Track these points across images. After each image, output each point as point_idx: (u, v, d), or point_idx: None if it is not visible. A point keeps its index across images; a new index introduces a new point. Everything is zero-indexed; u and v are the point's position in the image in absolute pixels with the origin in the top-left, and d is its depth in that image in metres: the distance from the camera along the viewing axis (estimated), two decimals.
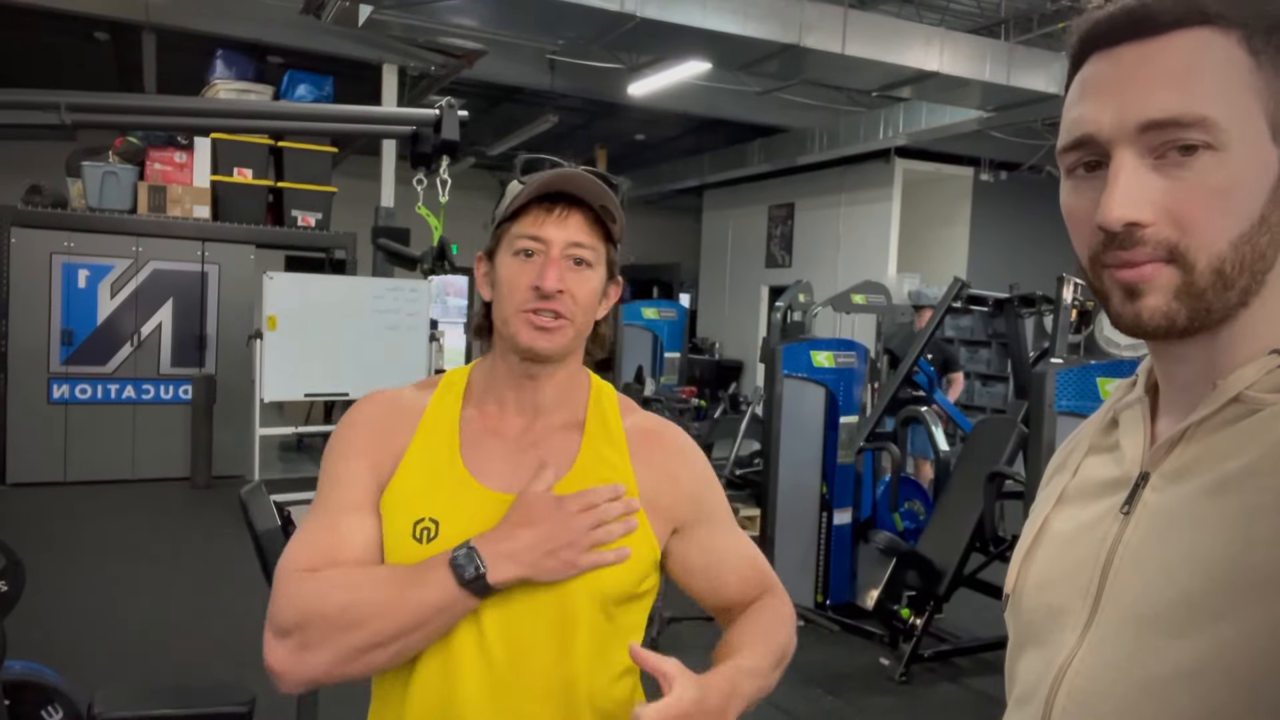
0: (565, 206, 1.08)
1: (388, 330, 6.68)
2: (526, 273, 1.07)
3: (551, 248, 1.07)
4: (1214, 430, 0.63)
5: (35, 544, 4.65)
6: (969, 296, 5.29)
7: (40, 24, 7.60)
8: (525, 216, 1.08)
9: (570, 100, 9.36)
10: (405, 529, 1.06)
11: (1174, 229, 0.60)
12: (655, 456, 1.15)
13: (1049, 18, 6.97)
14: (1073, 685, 0.64)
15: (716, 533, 1.20)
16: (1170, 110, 0.59)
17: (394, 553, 1.06)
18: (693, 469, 1.19)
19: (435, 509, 1.06)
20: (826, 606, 4.59)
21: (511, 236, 1.09)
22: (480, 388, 1.16)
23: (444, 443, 1.11)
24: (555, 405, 1.14)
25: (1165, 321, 0.61)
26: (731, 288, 13.63)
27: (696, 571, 1.18)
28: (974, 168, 10.68)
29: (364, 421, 1.14)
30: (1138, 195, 0.60)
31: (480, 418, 1.14)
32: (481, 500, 1.07)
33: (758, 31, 6.07)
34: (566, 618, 1.05)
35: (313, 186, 7.80)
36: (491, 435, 1.12)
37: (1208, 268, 0.60)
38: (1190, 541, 0.60)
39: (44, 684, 2.45)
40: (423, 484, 1.09)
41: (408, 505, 1.07)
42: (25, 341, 6.96)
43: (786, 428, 4.60)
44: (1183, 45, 0.60)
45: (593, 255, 1.09)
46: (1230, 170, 0.59)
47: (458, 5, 5.99)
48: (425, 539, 1.05)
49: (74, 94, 2.29)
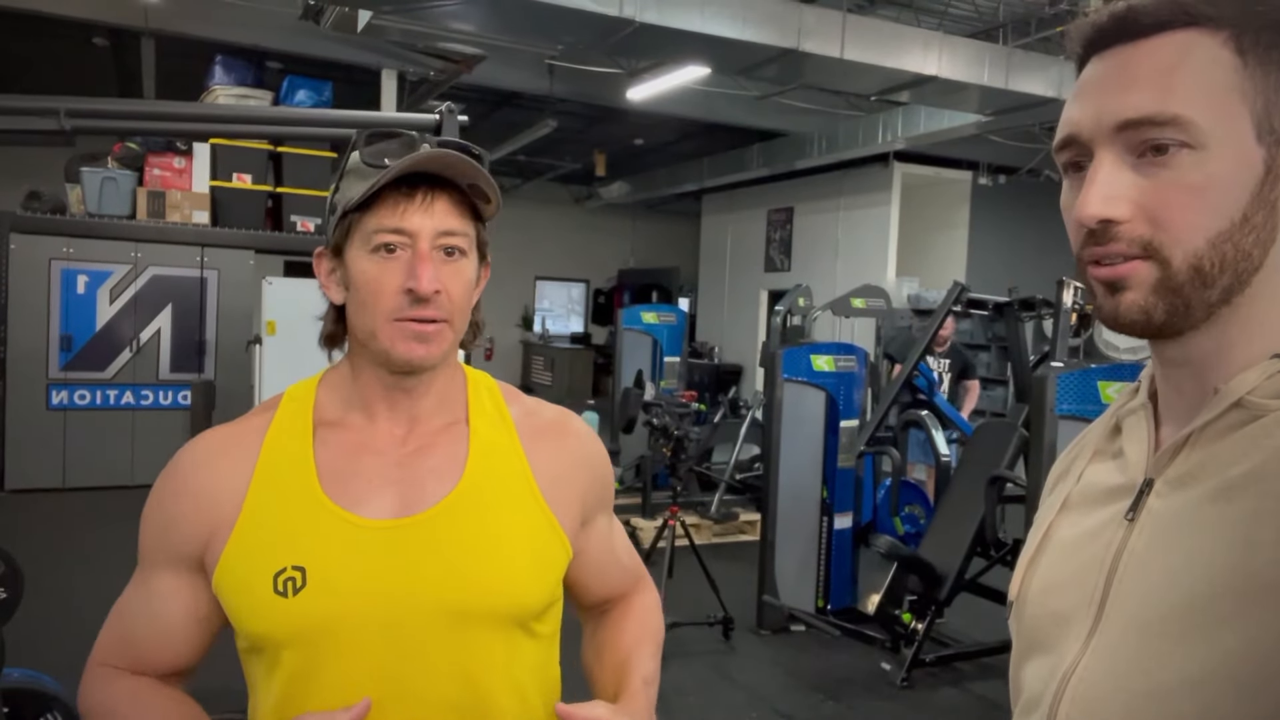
0: (428, 189, 0.92)
1: None
2: (392, 272, 0.91)
3: (419, 240, 0.91)
4: (1217, 436, 0.63)
5: (34, 550, 4.63)
6: (969, 300, 5.28)
7: (40, 30, 7.61)
8: (381, 205, 0.91)
9: (569, 105, 9.38)
10: (264, 585, 0.89)
11: (1149, 226, 0.61)
12: (555, 445, 1.03)
13: (1047, 21, 6.98)
14: (1076, 692, 0.64)
15: (606, 521, 1.11)
16: (1144, 109, 0.60)
17: (256, 615, 0.90)
18: (591, 453, 1.07)
19: (298, 554, 0.90)
20: (827, 611, 4.58)
21: (366, 230, 0.92)
22: (338, 401, 0.99)
23: (296, 473, 0.94)
24: (434, 407, 0.99)
25: (1142, 316, 0.62)
26: (730, 292, 13.63)
27: (592, 563, 1.08)
28: (973, 172, 10.69)
29: (173, 478, 0.97)
30: (1113, 193, 0.61)
31: (343, 434, 0.97)
32: (355, 534, 0.91)
33: (756, 36, 6.08)
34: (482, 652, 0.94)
35: (312, 192, 7.79)
36: (361, 453, 0.96)
37: (1184, 264, 0.60)
38: (1195, 548, 0.60)
39: (43, 691, 2.44)
40: (276, 528, 0.92)
41: (261, 557, 0.90)
42: (24, 347, 6.96)
43: (787, 432, 4.60)
44: (1166, 47, 0.61)
45: (465, 242, 0.94)
46: (1208, 169, 0.59)
47: (456, 10, 6.00)
48: (291, 590, 0.89)
49: (73, 100, 2.29)
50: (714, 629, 4.31)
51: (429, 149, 0.92)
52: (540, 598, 0.97)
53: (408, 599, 0.91)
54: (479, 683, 0.93)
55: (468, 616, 0.92)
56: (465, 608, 0.92)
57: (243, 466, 0.95)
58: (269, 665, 0.93)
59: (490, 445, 0.99)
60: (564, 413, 1.09)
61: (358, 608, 0.90)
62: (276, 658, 0.91)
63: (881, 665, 4.09)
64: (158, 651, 0.97)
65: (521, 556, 0.96)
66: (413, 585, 0.91)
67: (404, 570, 0.92)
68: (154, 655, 0.97)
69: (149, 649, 0.97)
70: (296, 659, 0.91)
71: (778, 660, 4.23)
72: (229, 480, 0.94)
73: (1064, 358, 4.25)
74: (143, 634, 0.97)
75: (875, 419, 5.37)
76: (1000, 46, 7.01)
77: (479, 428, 1.00)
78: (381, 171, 0.90)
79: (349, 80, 7.93)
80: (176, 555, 0.95)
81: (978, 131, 8.27)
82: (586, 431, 1.09)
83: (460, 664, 0.92)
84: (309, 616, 0.89)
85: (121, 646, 0.98)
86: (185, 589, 0.95)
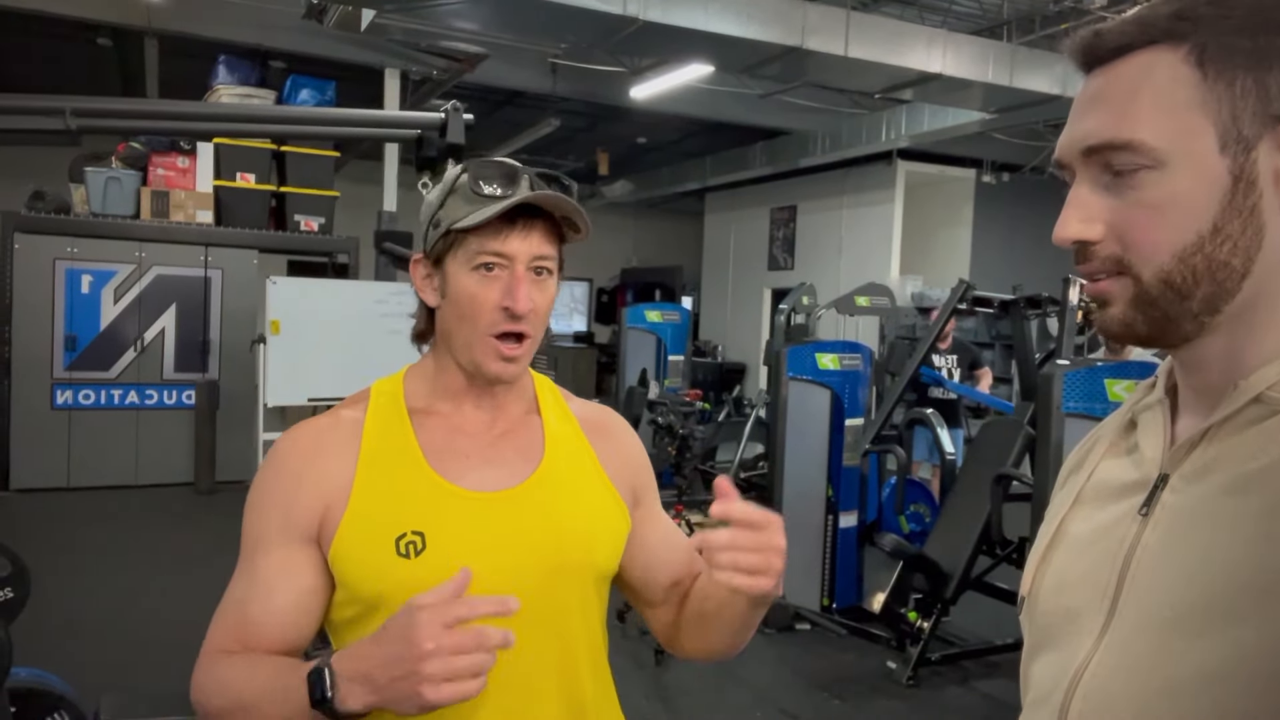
0: (528, 219, 1.04)
1: (390, 334, 6.66)
2: (490, 290, 1.03)
3: (516, 264, 1.04)
4: (1235, 431, 0.62)
5: (39, 550, 4.64)
6: (974, 298, 5.27)
7: (44, 29, 7.62)
8: (485, 228, 1.03)
9: (572, 104, 9.37)
10: (387, 549, 1.00)
11: (1117, 245, 0.63)
12: (607, 437, 1.18)
13: (1051, 19, 6.96)
14: (1089, 688, 0.64)
15: (660, 510, 1.23)
16: (1103, 135, 0.63)
17: (382, 576, 1.00)
18: (638, 448, 1.22)
19: (416, 521, 1.01)
20: (832, 610, 4.58)
21: (470, 249, 1.04)
22: (424, 393, 1.11)
23: (402, 452, 1.06)
24: (513, 398, 1.14)
25: (1124, 329, 0.65)
26: (734, 291, 13.63)
27: (651, 547, 1.18)
28: (976, 169, 10.67)
29: (283, 462, 1.07)
30: (1086, 214, 0.65)
31: (438, 420, 1.09)
32: (464, 504, 1.04)
33: (760, 34, 6.07)
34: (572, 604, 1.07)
35: (315, 191, 7.80)
36: (456, 435, 1.09)
37: (1154, 279, 0.62)
38: (1210, 543, 0.60)
39: (50, 691, 2.45)
40: (391, 500, 1.03)
41: (381, 525, 1.01)
42: (29, 347, 6.97)
43: (791, 431, 4.59)
44: (1128, 70, 0.63)
45: (552, 264, 1.07)
46: (1167, 188, 0.61)
47: (459, 9, 5.99)
48: (413, 553, 1.00)
49: (78, 99, 2.29)
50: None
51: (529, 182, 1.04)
52: (612, 558, 1.12)
53: (513, 557, 1.04)
54: (564, 630, 1.07)
55: (561, 571, 1.06)
56: (560, 563, 1.06)
57: (348, 450, 1.06)
58: None
59: (560, 433, 1.14)
60: (609, 411, 1.24)
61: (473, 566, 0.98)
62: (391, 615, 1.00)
63: (887, 664, 4.08)
64: (273, 629, 1.03)
65: (598, 522, 1.11)
66: (517, 545, 1.05)
67: (509, 533, 1.05)
68: (269, 633, 1.03)
69: (264, 627, 1.03)
70: None
71: (783, 659, 4.22)
72: (337, 461, 1.05)
73: (1070, 355, 4.24)
74: (257, 614, 1.03)
75: (880, 417, 5.36)
76: (1004, 44, 7.00)
77: (549, 418, 1.15)
78: (487, 199, 1.03)
79: (352, 79, 7.93)
80: (292, 532, 1.03)
81: (982, 129, 8.25)
82: (628, 428, 1.24)
83: (552, 613, 1.05)
84: (433, 575, 0.96)
85: (236, 631, 1.03)
86: (299, 563, 1.03)
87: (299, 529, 1.03)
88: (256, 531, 1.05)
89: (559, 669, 1.06)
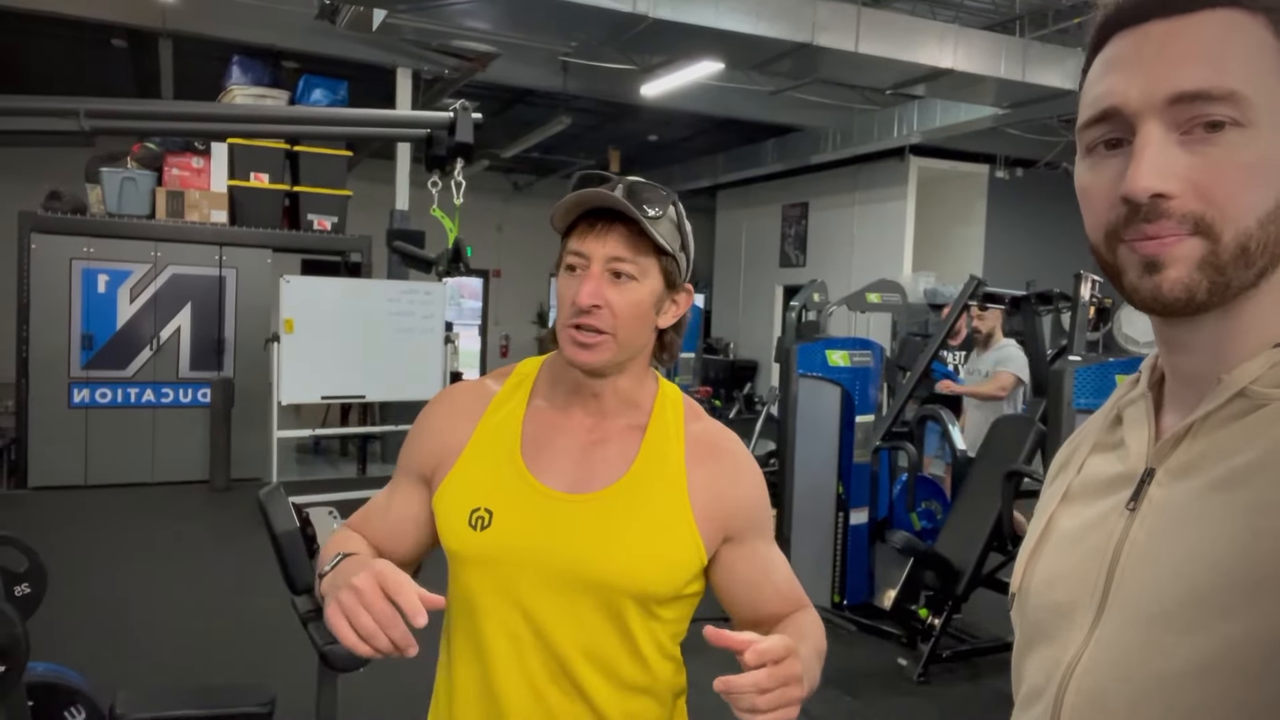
0: (606, 222, 1.11)
1: (403, 333, 6.71)
2: (570, 286, 1.12)
3: (592, 263, 1.11)
4: (1219, 425, 0.62)
5: (57, 547, 4.69)
6: (985, 294, 5.25)
7: (59, 31, 7.68)
8: (574, 232, 1.13)
9: (583, 102, 9.38)
10: (462, 515, 1.13)
11: (1200, 202, 0.59)
12: (713, 465, 1.17)
13: (1064, 13, 6.92)
14: (1081, 683, 0.64)
15: (763, 546, 1.22)
16: (1200, 83, 0.59)
17: (455, 537, 1.14)
18: (749, 481, 1.21)
19: (491, 499, 1.13)
20: (844, 607, 4.57)
21: (564, 252, 1.14)
22: (549, 381, 1.21)
23: (505, 436, 1.17)
24: (619, 408, 1.18)
25: (1185, 294, 0.61)
26: (746, 288, 13.61)
27: (741, 580, 1.19)
28: (989, 165, 10.62)
29: (430, 411, 1.25)
30: (1165, 167, 0.60)
31: (548, 411, 1.19)
32: (536, 496, 1.13)
33: (770, 31, 6.06)
34: (610, 615, 1.11)
35: (328, 190, 7.84)
36: (556, 432, 1.17)
37: (1233, 241, 0.59)
38: (1197, 537, 0.60)
39: (67, 685, 2.48)
40: (481, 474, 1.15)
41: (465, 493, 1.15)
42: (46, 346, 7.04)
43: (802, 427, 4.59)
44: (1212, 23, 0.60)
45: (634, 268, 1.11)
46: (1259, 147, 0.59)
47: (470, 8, 6.01)
48: (480, 526, 1.12)
49: (92, 101, 2.31)
50: (729, 624, 4.31)
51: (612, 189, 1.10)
52: (662, 589, 1.13)
53: (557, 559, 1.11)
54: (582, 642, 1.11)
55: (600, 587, 1.11)
56: (599, 579, 1.11)
57: (472, 418, 1.19)
58: (455, 576, 1.17)
59: (658, 452, 1.16)
60: (730, 437, 1.23)
61: (522, 553, 1.12)
62: (459, 572, 1.16)
63: (898, 661, 4.08)
64: (379, 536, 1.21)
65: (655, 549, 1.12)
66: (566, 548, 1.11)
67: (563, 535, 1.12)
68: (375, 537, 1.21)
69: (378, 532, 1.22)
70: (472, 577, 1.14)
71: None
72: (464, 424, 1.19)
73: (1082, 351, 4.22)
74: (377, 521, 1.23)
75: (891, 414, 5.35)
76: (1017, 39, 6.96)
77: (653, 435, 1.18)
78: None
79: (364, 79, 7.97)
80: (413, 471, 1.22)
81: (994, 124, 8.21)
82: (747, 458, 1.22)
83: (581, 620, 1.11)
84: (490, 549, 1.12)
85: (360, 522, 1.24)
86: (412, 497, 1.21)
87: (417, 470, 1.21)
88: (400, 462, 1.24)
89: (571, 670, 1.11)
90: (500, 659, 1.12)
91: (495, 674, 1.12)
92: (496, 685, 1.12)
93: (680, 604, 1.17)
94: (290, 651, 3.40)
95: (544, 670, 1.11)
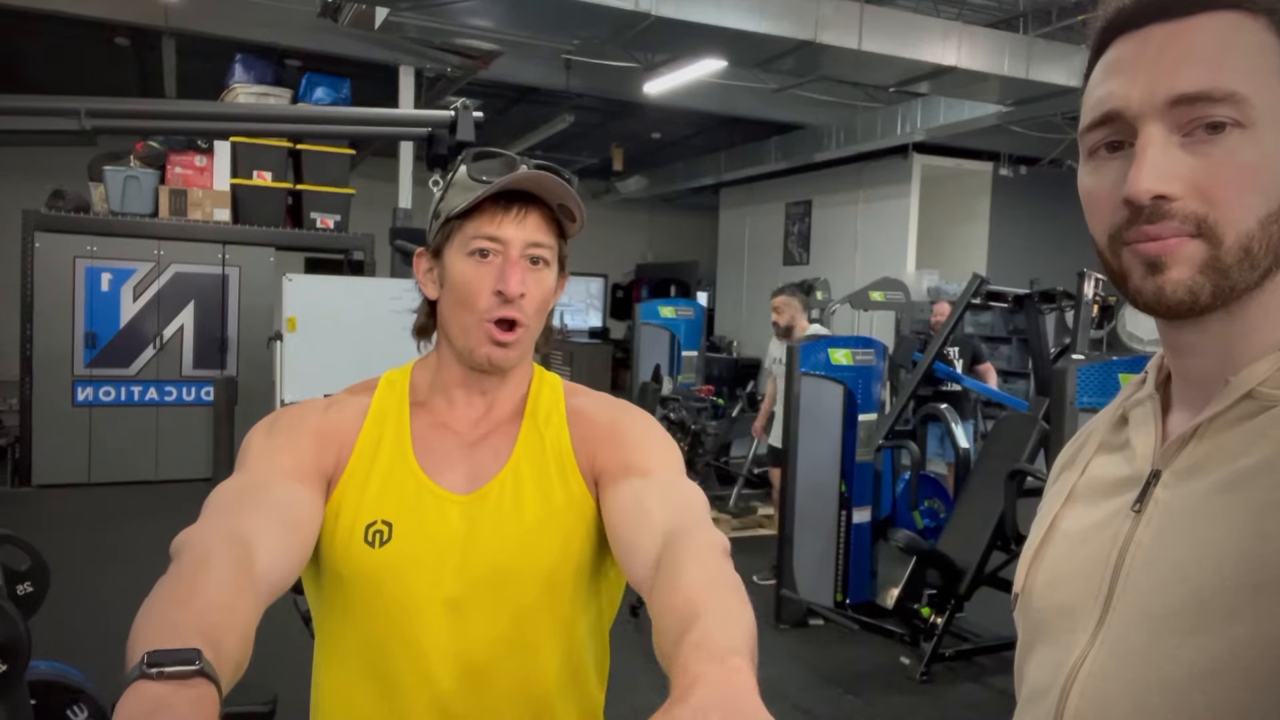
0: (523, 205, 1.04)
1: (405, 331, 6.67)
2: (484, 275, 1.03)
3: (510, 248, 1.03)
4: (1226, 427, 0.62)
5: (60, 545, 4.70)
6: (988, 292, 5.24)
7: (62, 30, 7.68)
8: (480, 214, 1.03)
9: (586, 100, 9.37)
10: (357, 533, 1.02)
11: (1202, 203, 0.59)
12: (590, 419, 1.11)
13: (1068, 10, 6.90)
14: (1085, 685, 0.64)
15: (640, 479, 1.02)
16: (1201, 84, 0.59)
17: (345, 558, 1.02)
18: (614, 412, 1.12)
19: (388, 511, 1.03)
20: (846, 605, 4.57)
21: (465, 235, 1.04)
22: (426, 388, 1.12)
23: (394, 443, 1.07)
24: (504, 399, 1.12)
25: (1188, 296, 0.61)
26: (749, 286, 13.59)
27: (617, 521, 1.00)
28: (993, 163, 10.59)
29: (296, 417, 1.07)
30: (1166, 169, 0.60)
31: (431, 414, 1.10)
32: (437, 501, 1.05)
33: (773, 28, 6.05)
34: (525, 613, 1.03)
35: (331, 189, 7.85)
36: (444, 433, 1.09)
37: (1235, 244, 0.59)
38: (1203, 540, 0.60)
39: (69, 684, 2.47)
40: (373, 486, 1.04)
41: (357, 508, 1.03)
42: (50, 345, 7.05)
43: (805, 426, 4.58)
44: (1213, 25, 0.60)
45: (549, 254, 1.06)
46: (1260, 148, 0.59)
47: (473, 6, 6.01)
48: (378, 542, 1.02)
49: (93, 100, 2.31)
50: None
51: (527, 170, 1.03)
52: (568, 563, 1.05)
53: (466, 561, 1.03)
54: (522, 636, 1.04)
55: (511, 576, 1.03)
56: (507, 569, 1.04)
57: (349, 431, 1.07)
58: (345, 603, 1.05)
59: (537, 433, 1.10)
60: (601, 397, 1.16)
61: (429, 563, 1.03)
62: (351, 600, 1.04)
63: (901, 660, 4.08)
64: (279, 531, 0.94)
65: (549, 525, 1.05)
66: (469, 549, 1.04)
67: (465, 537, 1.04)
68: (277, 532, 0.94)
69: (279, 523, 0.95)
70: (370, 600, 1.03)
71: (796, 654, 4.22)
72: (338, 439, 1.06)
73: (1085, 349, 4.21)
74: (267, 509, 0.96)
75: (894, 412, 5.34)
76: (1021, 36, 6.94)
77: (530, 418, 1.11)
78: (484, 186, 1.02)
79: (367, 77, 7.96)
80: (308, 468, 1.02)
81: (998, 122, 8.18)
82: (620, 406, 1.15)
83: (504, 618, 1.03)
84: (390, 566, 1.02)
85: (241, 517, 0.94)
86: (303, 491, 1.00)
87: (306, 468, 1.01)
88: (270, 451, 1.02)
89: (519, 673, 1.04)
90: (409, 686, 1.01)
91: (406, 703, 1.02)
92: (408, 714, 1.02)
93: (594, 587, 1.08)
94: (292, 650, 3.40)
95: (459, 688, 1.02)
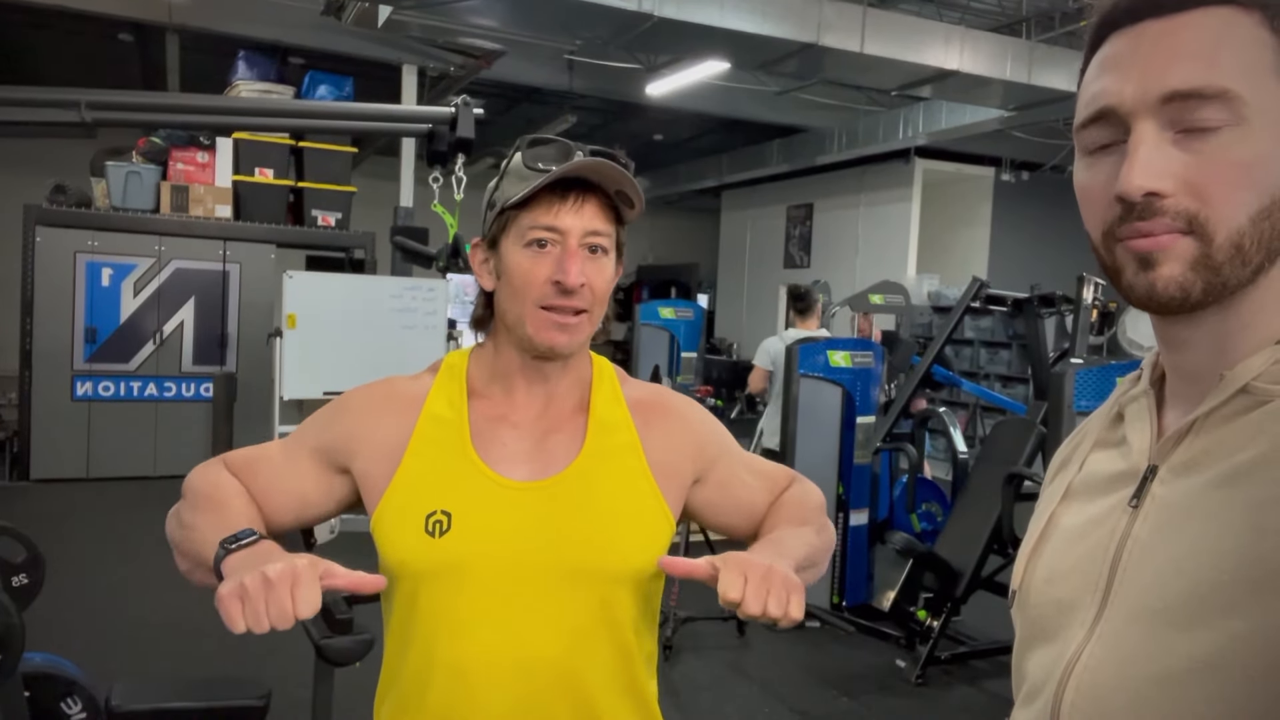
0: (580, 193, 1.02)
1: (405, 329, 6.71)
2: (542, 265, 1.01)
3: (569, 238, 1.01)
4: (1222, 422, 0.62)
5: (57, 539, 4.71)
6: (988, 297, 5.25)
7: (67, 26, 7.70)
8: (537, 204, 1.02)
9: (588, 101, 9.38)
10: (417, 522, 1.02)
11: (1194, 200, 0.59)
12: (662, 423, 1.12)
13: (1071, 16, 6.91)
14: (1081, 680, 0.64)
15: (728, 464, 1.17)
16: (1193, 81, 0.59)
17: (405, 547, 1.02)
18: (695, 419, 1.17)
19: (448, 501, 1.03)
20: (842, 608, 4.57)
21: (522, 225, 1.03)
22: (484, 376, 1.11)
23: (453, 432, 1.07)
24: (567, 389, 1.11)
25: (1180, 292, 0.61)
26: (749, 288, 13.60)
27: (730, 507, 1.16)
28: (995, 167, 10.60)
29: (349, 402, 1.12)
30: (1158, 166, 0.60)
31: (489, 405, 1.09)
32: (499, 491, 1.04)
33: (776, 31, 6.05)
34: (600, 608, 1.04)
35: (333, 186, 7.85)
36: (503, 423, 1.08)
37: (1227, 241, 0.59)
38: (1200, 535, 0.60)
39: (63, 676, 2.48)
40: (432, 475, 1.04)
41: (417, 498, 1.03)
42: (49, 339, 7.05)
43: (803, 428, 4.58)
44: (1206, 21, 0.60)
45: (608, 241, 1.05)
46: (1252, 145, 0.59)
47: (476, 6, 6.02)
48: (438, 532, 1.01)
49: (93, 92, 2.32)
50: (728, 624, 4.31)
51: (583, 156, 1.01)
52: (641, 563, 1.05)
53: (532, 551, 1.02)
54: (576, 630, 1.03)
55: (578, 572, 1.03)
56: (576, 564, 1.03)
57: (408, 418, 1.08)
58: (408, 594, 1.04)
59: (606, 424, 1.10)
60: (663, 391, 1.19)
61: (490, 553, 1.02)
62: (415, 588, 1.04)
63: (896, 662, 4.07)
64: (265, 497, 1.08)
65: (626, 525, 1.06)
66: (537, 539, 1.03)
67: (532, 526, 1.03)
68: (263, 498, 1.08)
69: (265, 490, 1.09)
70: (431, 591, 1.03)
71: (792, 656, 4.22)
72: (395, 426, 1.07)
73: (1084, 354, 4.21)
74: (267, 478, 1.09)
75: (892, 415, 5.34)
76: (1023, 41, 6.94)
77: (598, 409, 1.10)
78: (540, 174, 1.01)
79: (370, 76, 7.97)
80: (327, 449, 1.09)
81: (1000, 127, 8.20)
82: (686, 401, 1.19)
83: (564, 614, 1.03)
84: (452, 556, 1.01)
85: (247, 472, 1.10)
86: (312, 474, 1.09)
87: (329, 448, 1.09)
88: (307, 434, 1.12)
89: (564, 669, 1.03)
90: (481, 682, 1.01)
91: (478, 699, 1.01)
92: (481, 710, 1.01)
93: (654, 585, 1.10)
94: (286, 645, 3.40)
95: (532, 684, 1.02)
